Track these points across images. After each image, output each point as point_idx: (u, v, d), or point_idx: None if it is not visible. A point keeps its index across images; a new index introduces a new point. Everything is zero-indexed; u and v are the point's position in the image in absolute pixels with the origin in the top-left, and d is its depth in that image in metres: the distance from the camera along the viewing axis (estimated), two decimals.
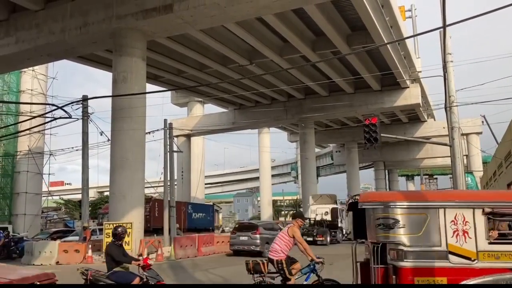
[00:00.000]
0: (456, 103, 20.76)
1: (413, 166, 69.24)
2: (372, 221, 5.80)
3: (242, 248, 20.30)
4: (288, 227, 8.00)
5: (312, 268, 7.86)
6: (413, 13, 38.78)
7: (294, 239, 7.77)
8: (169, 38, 23.99)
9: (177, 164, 37.90)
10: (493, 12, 9.31)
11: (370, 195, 6.75)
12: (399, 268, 5.46)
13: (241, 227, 21.65)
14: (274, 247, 7.83)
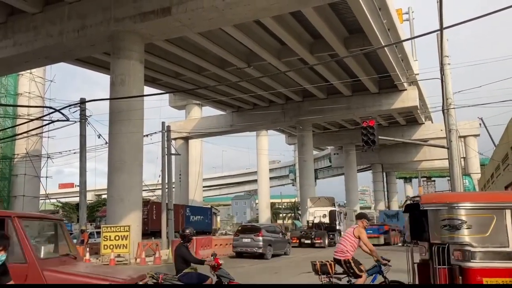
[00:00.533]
0: (453, 106, 20.82)
1: (411, 169, 69.35)
2: (436, 222, 5.86)
3: (245, 250, 20.53)
4: (353, 228, 8.10)
5: (378, 269, 7.93)
6: (410, 16, 38.90)
7: (359, 240, 7.88)
8: (167, 40, 24.02)
9: (175, 167, 37.88)
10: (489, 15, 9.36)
11: (433, 197, 6.79)
12: (465, 269, 5.50)
13: (244, 229, 21.84)
14: (340, 247, 7.95)
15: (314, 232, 28.80)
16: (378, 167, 61.83)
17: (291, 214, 79.67)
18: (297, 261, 18.74)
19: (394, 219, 41.89)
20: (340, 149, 57.41)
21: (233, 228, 70.80)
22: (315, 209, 32.78)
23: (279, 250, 21.68)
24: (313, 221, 31.42)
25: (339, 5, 23.00)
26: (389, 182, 68.98)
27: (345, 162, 53.27)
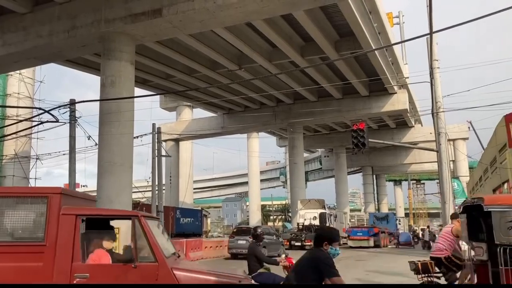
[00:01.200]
0: (442, 109, 21.03)
1: (400, 171, 69.82)
2: (502, 224, 5.93)
3: (240, 252, 20.75)
4: (451, 227, 8.32)
5: None
6: (400, 20, 39.22)
7: (457, 239, 8.08)
8: (158, 42, 23.96)
9: (165, 169, 37.74)
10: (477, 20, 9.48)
11: (498, 198, 6.92)
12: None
13: (239, 231, 22.43)
14: (438, 246, 8.18)
15: (304, 234, 28.87)
16: (368, 169, 62.15)
17: (281, 216, 79.78)
18: None
19: (384, 222, 42.17)
20: (330, 152, 57.63)
21: (223, 230, 70.70)
22: (305, 211, 32.88)
23: (273, 252, 22.02)
24: (303, 223, 31.50)
25: (330, 9, 23.13)
26: (379, 184, 69.36)
27: (336, 165, 53.46)
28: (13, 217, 5.97)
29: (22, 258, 5.69)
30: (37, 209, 5.96)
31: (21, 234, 6.03)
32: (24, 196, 6.23)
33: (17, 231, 6.00)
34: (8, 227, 5.99)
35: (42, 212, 5.90)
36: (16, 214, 5.96)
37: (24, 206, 5.99)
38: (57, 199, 5.97)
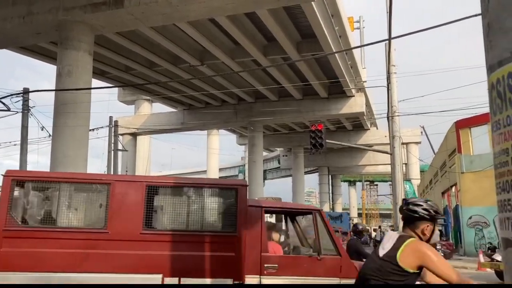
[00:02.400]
0: (398, 113, 21.68)
1: (355, 172, 71.49)
2: None
3: None
4: None
5: None
6: (361, 25, 40.17)
7: None
8: (118, 33, 23.44)
9: (122, 163, 37.01)
10: (435, 28, 9.89)
11: None
12: None
13: None
14: None
15: None
16: (325, 169, 63.24)
17: None
18: None
19: (338, 221, 43.06)
20: (289, 151, 58.23)
21: None
22: None
23: None
24: None
25: (293, 9, 23.37)
26: (334, 185, 70.75)
27: (293, 164, 54.10)
28: (205, 207, 6.20)
29: (217, 248, 5.90)
30: (227, 201, 6.20)
31: (214, 225, 6.26)
32: (215, 187, 6.41)
33: (210, 222, 6.25)
34: (203, 217, 6.21)
35: (232, 203, 6.13)
36: (209, 204, 6.18)
37: (214, 197, 6.24)
38: (244, 191, 6.23)
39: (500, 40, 2.11)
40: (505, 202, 2.09)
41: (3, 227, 5.69)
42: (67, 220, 6.04)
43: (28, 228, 5.90)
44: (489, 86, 2.22)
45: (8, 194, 5.79)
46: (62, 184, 6.13)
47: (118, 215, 5.96)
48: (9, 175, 6.00)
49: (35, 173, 6.61)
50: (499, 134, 2.12)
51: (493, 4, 2.18)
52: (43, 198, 6.11)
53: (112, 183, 6.11)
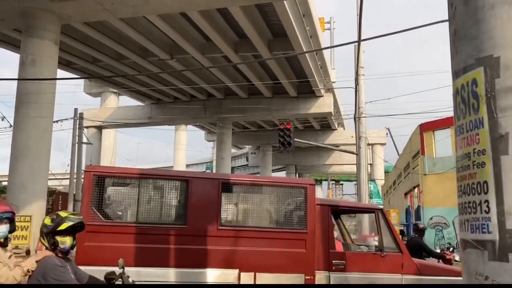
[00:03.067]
0: (364, 114, 22.06)
1: (322, 171, 72.32)
2: None
3: None
4: None
5: None
6: (331, 26, 40.61)
7: None
8: (86, 23, 22.84)
9: (86, 157, 36.13)
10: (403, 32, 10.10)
11: None
12: None
13: None
14: None
15: None
16: (292, 168, 63.73)
17: None
18: None
19: None
20: (257, 149, 58.37)
21: None
22: None
23: None
24: None
25: (265, 8, 23.39)
26: None
27: (261, 162, 54.24)
28: (277, 205, 6.48)
29: (289, 244, 6.10)
30: (297, 199, 6.42)
31: (286, 222, 6.47)
32: (286, 185, 6.66)
33: (282, 219, 6.50)
34: (275, 214, 6.50)
35: (301, 202, 6.34)
36: (280, 202, 6.44)
37: (285, 195, 6.49)
38: (312, 190, 6.42)
39: (465, 47, 2.17)
40: (465, 204, 2.15)
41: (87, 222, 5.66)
42: (147, 216, 6.11)
43: (110, 223, 6.02)
44: (454, 91, 2.28)
45: (90, 189, 5.84)
46: (141, 180, 6.19)
47: (196, 211, 6.09)
48: (90, 170, 6.09)
49: (115, 169, 6.87)
50: (462, 139, 2.18)
51: (459, 12, 2.24)
52: (123, 193, 6.30)
53: (190, 180, 6.20)
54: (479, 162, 2.06)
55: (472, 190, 2.10)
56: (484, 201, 2.02)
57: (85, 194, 5.87)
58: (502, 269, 1.93)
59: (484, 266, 2.02)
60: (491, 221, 1.98)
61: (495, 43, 2.02)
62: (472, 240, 2.10)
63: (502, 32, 2.00)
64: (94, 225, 5.75)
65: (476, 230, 2.07)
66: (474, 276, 2.08)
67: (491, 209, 1.99)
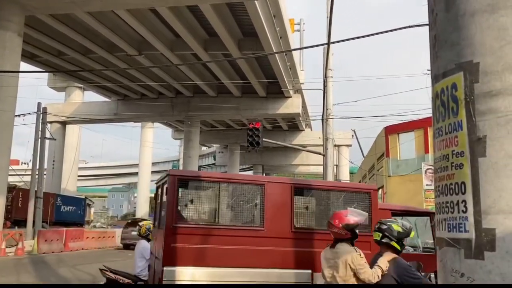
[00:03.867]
0: (332, 116, 22.35)
1: (289, 172, 72.90)
2: None
3: (133, 242, 21.29)
4: None
5: None
6: (301, 27, 40.92)
7: None
8: (52, 16, 22.20)
9: (49, 152, 35.12)
10: (372, 36, 10.31)
11: None
12: None
13: (134, 222, 22.78)
14: None
15: None
16: (259, 168, 63.96)
17: None
18: None
19: None
20: (225, 148, 58.26)
21: (107, 221, 67.75)
22: None
23: None
24: None
25: (236, 7, 23.37)
26: None
27: (229, 161, 54.17)
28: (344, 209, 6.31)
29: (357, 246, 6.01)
30: (361, 203, 6.63)
31: None
32: (352, 191, 7.03)
33: None
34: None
35: (366, 206, 6.59)
36: (347, 206, 6.28)
37: (351, 200, 6.70)
38: (375, 195, 6.77)
39: (445, 52, 2.25)
40: (443, 204, 2.22)
41: (173, 224, 5.96)
42: (228, 218, 6.46)
43: (194, 225, 6.22)
44: (433, 95, 2.35)
45: (174, 193, 6.09)
46: (221, 183, 6.49)
47: (271, 214, 6.34)
48: (174, 174, 6.34)
49: (197, 173, 7.31)
50: (441, 141, 2.25)
51: (440, 18, 2.31)
52: (204, 196, 6.49)
53: (265, 184, 6.48)
54: (458, 164, 2.13)
55: (450, 191, 2.17)
56: (461, 201, 2.10)
57: (169, 197, 6.10)
58: (477, 266, 2.00)
59: (460, 264, 2.09)
60: (468, 221, 2.06)
61: (475, 49, 2.10)
62: (449, 239, 2.17)
63: (482, 39, 2.08)
64: (179, 227, 6.00)
65: (453, 229, 2.14)
66: (450, 273, 2.15)
67: (468, 209, 2.06)
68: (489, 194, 1.99)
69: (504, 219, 1.94)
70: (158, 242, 6.50)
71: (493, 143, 2.00)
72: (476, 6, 2.11)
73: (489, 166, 2.00)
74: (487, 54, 2.06)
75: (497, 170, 1.98)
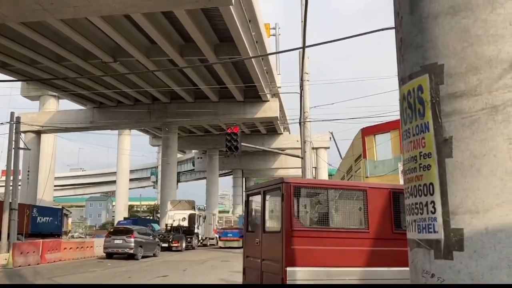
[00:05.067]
0: (309, 119, 22.49)
1: (268, 175, 72.91)
2: None
3: (116, 251, 21.44)
4: None
5: None
6: (277, 32, 41.17)
7: None
8: (24, 23, 21.78)
9: (23, 163, 34.36)
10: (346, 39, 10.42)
11: None
12: None
13: (116, 231, 22.91)
14: None
15: (172, 236, 28.60)
16: (239, 172, 63.89)
17: (150, 217, 77.91)
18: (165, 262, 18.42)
19: None
20: (204, 154, 58.01)
21: (85, 231, 66.56)
22: (174, 212, 32.59)
23: (149, 252, 23.01)
24: (172, 224, 31.17)
25: (212, 12, 23.36)
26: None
27: (208, 167, 53.94)
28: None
29: None
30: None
31: None
32: None
33: None
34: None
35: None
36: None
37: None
38: None
39: (411, 55, 2.27)
40: (412, 205, 2.24)
41: (292, 228, 6.47)
42: (337, 221, 6.99)
43: (310, 228, 6.83)
44: (401, 97, 2.37)
45: (291, 199, 6.63)
46: (329, 189, 7.02)
47: (374, 217, 6.89)
48: (289, 182, 6.81)
49: (307, 181, 8.02)
50: (409, 142, 2.27)
51: (405, 21, 2.34)
52: (316, 202, 7.10)
53: (367, 189, 7.05)
54: (425, 165, 2.15)
55: (419, 192, 2.18)
56: (430, 202, 2.11)
57: (286, 203, 6.60)
58: (447, 266, 2.02)
59: (430, 265, 2.10)
60: (436, 221, 2.07)
61: (439, 51, 2.12)
62: (419, 240, 2.18)
63: (445, 41, 2.10)
64: (297, 230, 6.55)
65: (422, 230, 2.15)
66: (421, 274, 2.16)
67: (436, 210, 2.08)
68: (456, 194, 2.01)
69: (471, 219, 1.96)
70: (268, 245, 7.06)
71: (459, 144, 2.02)
72: (439, 8, 2.14)
73: (455, 167, 2.02)
74: (450, 56, 2.08)
75: (463, 170, 2.00)
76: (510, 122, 1.93)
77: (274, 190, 7.18)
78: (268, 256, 7.01)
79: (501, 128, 1.95)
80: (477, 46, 2.03)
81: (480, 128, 1.98)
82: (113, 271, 16.11)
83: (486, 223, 1.92)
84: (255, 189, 8.18)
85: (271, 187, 7.31)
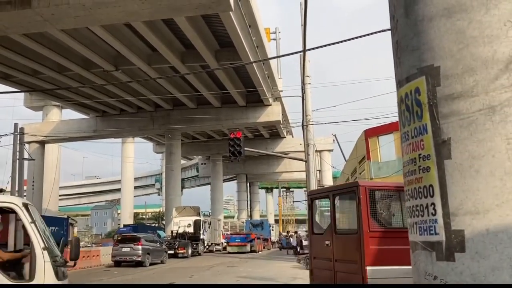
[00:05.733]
0: (312, 122, 22.50)
1: (272, 179, 72.92)
2: None
3: (124, 259, 21.54)
4: None
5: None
6: (277, 36, 41.26)
7: None
8: (25, 35, 21.92)
9: (28, 173, 34.50)
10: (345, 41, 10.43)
11: None
12: None
13: (124, 239, 22.89)
14: None
15: (177, 242, 28.60)
16: (243, 177, 63.82)
17: (155, 224, 77.91)
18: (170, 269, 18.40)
19: (259, 228, 43.84)
20: (207, 159, 58.02)
21: (91, 240, 66.58)
22: (180, 219, 32.60)
23: (157, 259, 23.07)
24: (177, 231, 31.17)
25: (212, 18, 23.43)
26: (252, 192, 71.55)
27: (212, 172, 53.96)
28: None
29: None
30: None
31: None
32: None
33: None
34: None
35: None
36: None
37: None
38: None
39: (407, 58, 2.28)
40: (413, 208, 2.24)
41: (369, 229, 6.75)
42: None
43: (386, 229, 7.00)
44: (398, 100, 2.38)
45: (367, 201, 6.91)
46: (401, 192, 6.88)
47: None
48: (364, 185, 7.17)
49: (380, 184, 8.55)
50: (408, 145, 2.28)
51: (401, 24, 2.35)
52: (388, 203, 7.36)
53: None
54: (425, 167, 2.15)
55: (419, 194, 2.18)
56: (430, 204, 2.11)
57: (363, 205, 6.86)
58: (449, 268, 2.02)
59: (432, 267, 2.10)
60: (437, 223, 2.07)
61: (435, 53, 2.13)
62: (421, 242, 2.18)
63: (441, 43, 2.11)
64: (374, 231, 6.78)
65: (424, 232, 2.15)
66: (424, 277, 2.16)
67: (437, 212, 2.08)
68: (456, 195, 2.01)
69: (472, 220, 1.96)
70: (341, 246, 7.29)
71: (458, 145, 2.03)
72: (434, 11, 2.15)
73: (454, 168, 2.03)
74: (446, 58, 2.09)
75: (462, 171, 2.00)
76: (508, 122, 1.94)
77: (346, 194, 7.44)
78: (342, 257, 7.27)
79: (499, 129, 1.95)
80: (473, 47, 2.04)
81: (478, 129, 1.98)
82: (119, 280, 16.12)
83: (487, 223, 1.92)
84: (321, 192, 8.50)
85: (341, 190, 7.67)
